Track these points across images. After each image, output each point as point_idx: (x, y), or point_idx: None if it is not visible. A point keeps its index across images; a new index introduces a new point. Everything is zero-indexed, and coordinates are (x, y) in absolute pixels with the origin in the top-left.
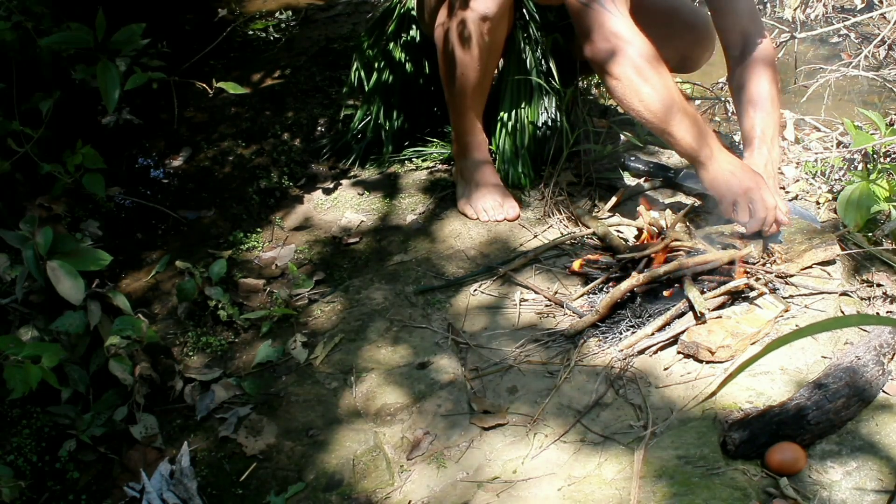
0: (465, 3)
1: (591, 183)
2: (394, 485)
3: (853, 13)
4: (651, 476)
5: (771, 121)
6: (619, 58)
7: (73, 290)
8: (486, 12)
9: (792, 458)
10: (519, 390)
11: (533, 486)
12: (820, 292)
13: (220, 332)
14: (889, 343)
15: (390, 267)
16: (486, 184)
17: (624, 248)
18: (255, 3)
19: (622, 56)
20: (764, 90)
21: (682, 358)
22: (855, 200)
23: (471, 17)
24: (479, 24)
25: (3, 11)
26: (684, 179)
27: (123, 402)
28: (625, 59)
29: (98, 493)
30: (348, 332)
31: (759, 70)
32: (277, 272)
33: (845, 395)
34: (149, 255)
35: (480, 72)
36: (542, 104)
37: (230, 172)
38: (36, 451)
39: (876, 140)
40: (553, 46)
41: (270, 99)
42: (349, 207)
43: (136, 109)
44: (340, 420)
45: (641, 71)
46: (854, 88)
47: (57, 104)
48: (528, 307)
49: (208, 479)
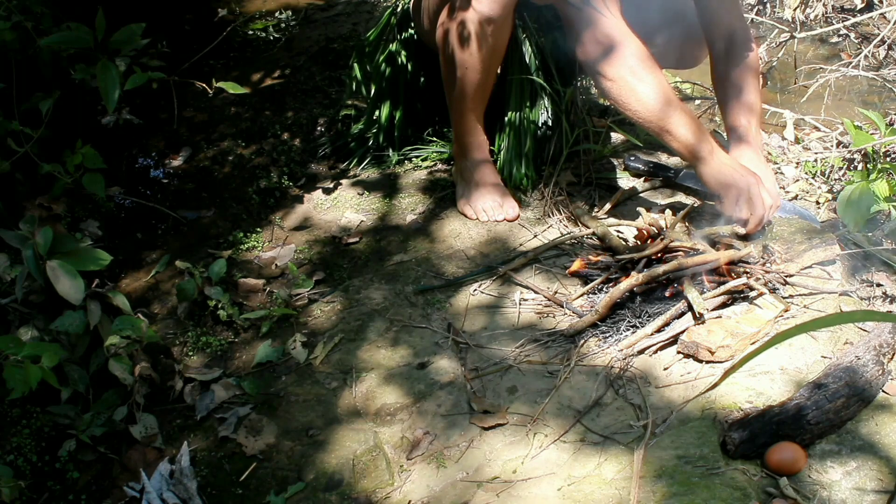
0: (469, 4)
1: (590, 183)
2: (394, 485)
3: (853, 13)
4: (651, 476)
5: (757, 119)
6: (613, 59)
7: (72, 290)
8: (491, 14)
9: (792, 458)
10: (519, 390)
11: (533, 486)
12: (820, 292)
13: (220, 332)
14: (889, 343)
15: (390, 267)
16: (486, 184)
17: (623, 249)
18: (255, 3)
19: (616, 57)
20: (750, 88)
21: (681, 358)
22: (855, 200)
23: (474, 19)
24: (482, 26)
25: (3, 11)
26: (684, 179)
27: (123, 402)
28: (619, 60)
29: (98, 493)
30: (348, 332)
31: (744, 68)
32: (277, 272)
33: (845, 395)
34: (149, 255)
35: (483, 73)
36: (543, 104)
37: (230, 172)
38: (36, 451)
39: (876, 140)
40: (552, 46)
41: (270, 99)
42: (349, 207)
43: (136, 109)
44: (340, 420)
45: (636, 71)
46: (854, 88)
47: (57, 104)
48: (528, 307)
49: (208, 479)
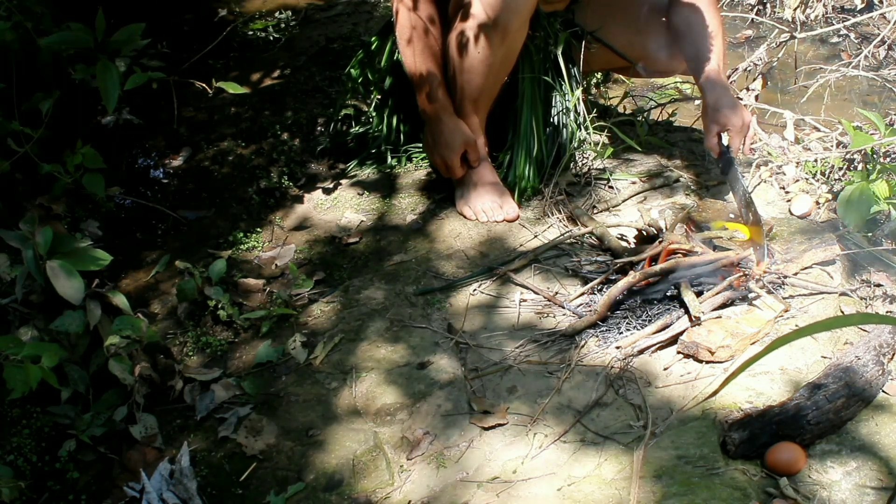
0: (485, 13)
1: (590, 183)
2: (393, 485)
3: (853, 13)
4: (651, 476)
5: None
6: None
7: (72, 290)
8: (507, 23)
9: (792, 458)
10: (518, 390)
11: (532, 486)
12: (819, 292)
13: (220, 332)
14: (889, 343)
15: (390, 267)
16: (485, 184)
17: (622, 250)
18: (254, 3)
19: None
20: (712, 25)
21: (681, 358)
22: (855, 200)
23: (490, 27)
24: (497, 33)
25: (3, 11)
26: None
27: (123, 402)
28: None
29: (98, 493)
30: (348, 332)
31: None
32: (277, 272)
33: (845, 395)
34: (149, 255)
35: (492, 79)
36: (552, 111)
37: (230, 172)
38: (36, 451)
39: (875, 140)
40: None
41: (270, 99)
42: (349, 207)
43: (136, 109)
44: (340, 420)
45: None
46: (854, 88)
47: (57, 104)
48: (528, 307)
49: (208, 479)
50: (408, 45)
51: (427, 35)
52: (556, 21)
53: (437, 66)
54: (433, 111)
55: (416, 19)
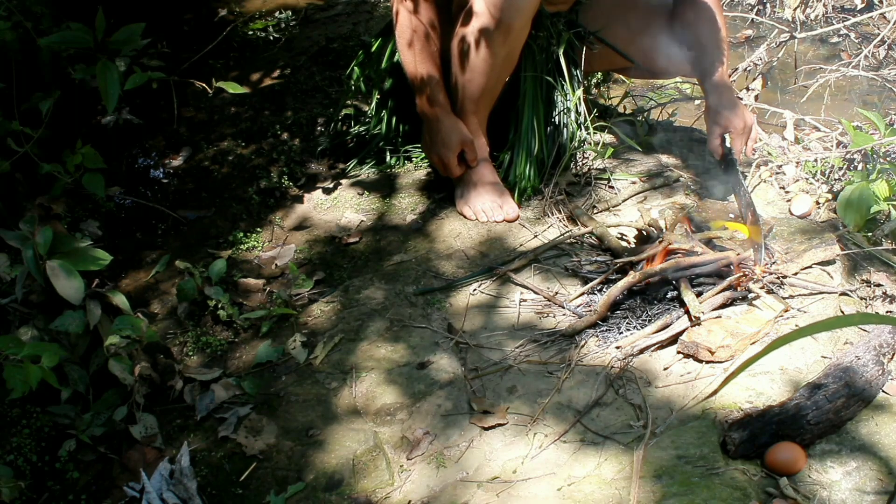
0: (488, 12)
1: (590, 183)
2: (393, 484)
3: (853, 13)
4: (650, 476)
5: (724, 60)
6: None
7: (72, 290)
8: (510, 23)
9: (792, 458)
10: (518, 390)
11: (532, 486)
12: (819, 292)
13: (220, 332)
14: (889, 343)
15: (390, 267)
16: (485, 184)
17: (622, 250)
18: (254, 3)
19: None
20: (718, 28)
21: (681, 358)
22: (855, 200)
23: (493, 27)
24: (500, 33)
25: (3, 11)
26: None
27: (123, 402)
28: None
29: (98, 493)
30: (348, 332)
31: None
32: (277, 272)
33: (845, 395)
34: (149, 255)
35: (494, 79)
36: (553, 111)
37: (230, 172)
38: (36, 451)
39: (875, 140)
40: (566, 48)
41: (270, 99)
42: (349, 207)
43: (136, 109)
44: (340, 420)
45: None
46: (854, 88)
47: (57, 104)
48: (528, 307)
49: (208, 479)
50: (408, 48)
51: (427, 38)
52: (560, 21)
53: (437, 69)
54: (432, 113)
55: (417, 22)
